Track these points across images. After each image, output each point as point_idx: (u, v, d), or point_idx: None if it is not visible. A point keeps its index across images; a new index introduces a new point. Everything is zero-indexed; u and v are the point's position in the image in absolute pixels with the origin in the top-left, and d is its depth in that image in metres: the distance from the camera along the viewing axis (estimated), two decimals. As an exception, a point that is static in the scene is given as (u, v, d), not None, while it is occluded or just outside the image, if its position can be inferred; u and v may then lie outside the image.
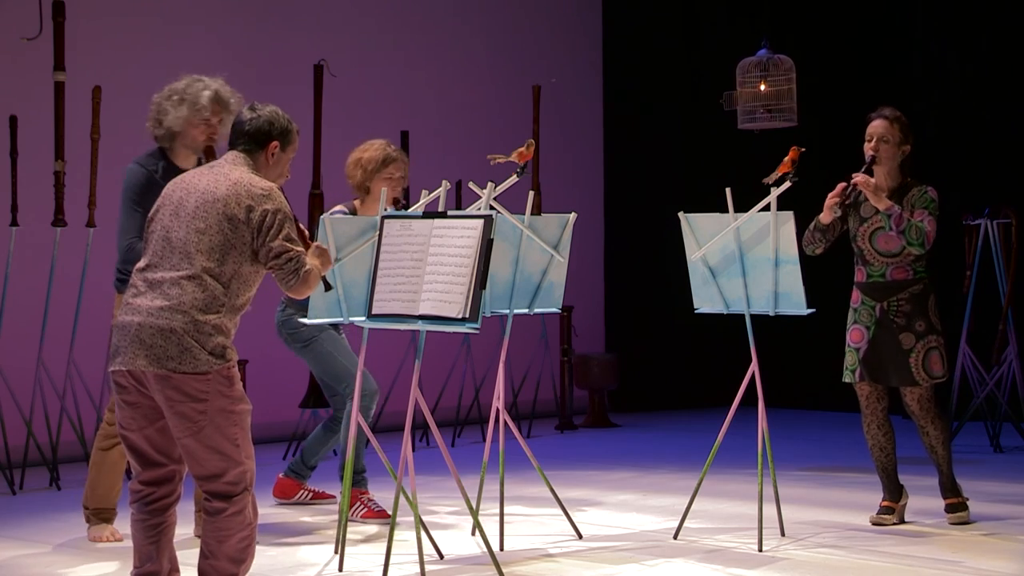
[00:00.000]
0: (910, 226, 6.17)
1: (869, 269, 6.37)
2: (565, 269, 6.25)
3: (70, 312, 8.03)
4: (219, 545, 4.49)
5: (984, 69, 10.20)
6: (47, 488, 7.76)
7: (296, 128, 4.77)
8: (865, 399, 6.42)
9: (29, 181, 8.13)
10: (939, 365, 6.30)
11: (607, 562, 5.80)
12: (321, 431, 7.04)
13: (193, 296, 4.41)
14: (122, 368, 4.45)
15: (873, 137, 6.34)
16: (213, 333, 4.42)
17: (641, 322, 11.40)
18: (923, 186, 6.33)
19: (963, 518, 6.38)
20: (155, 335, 4.39)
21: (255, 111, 4.70)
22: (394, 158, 6.70)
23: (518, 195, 6.50)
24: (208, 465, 4.44)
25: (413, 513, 5.30)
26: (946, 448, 6.36)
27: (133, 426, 4.52)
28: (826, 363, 10.63)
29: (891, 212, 6.19)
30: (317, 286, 4.65)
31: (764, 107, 8.86)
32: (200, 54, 9.29)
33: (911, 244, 6.20)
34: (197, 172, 4.66)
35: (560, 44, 11.35)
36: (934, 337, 6.30)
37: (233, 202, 4.48)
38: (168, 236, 4.51)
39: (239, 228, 4.47)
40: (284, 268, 4.51)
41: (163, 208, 4.60)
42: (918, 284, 6.32)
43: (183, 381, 4.37)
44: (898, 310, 6.31)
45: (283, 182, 4.78)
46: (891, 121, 6.33)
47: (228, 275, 4.47)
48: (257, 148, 4.67)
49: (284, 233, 4.50)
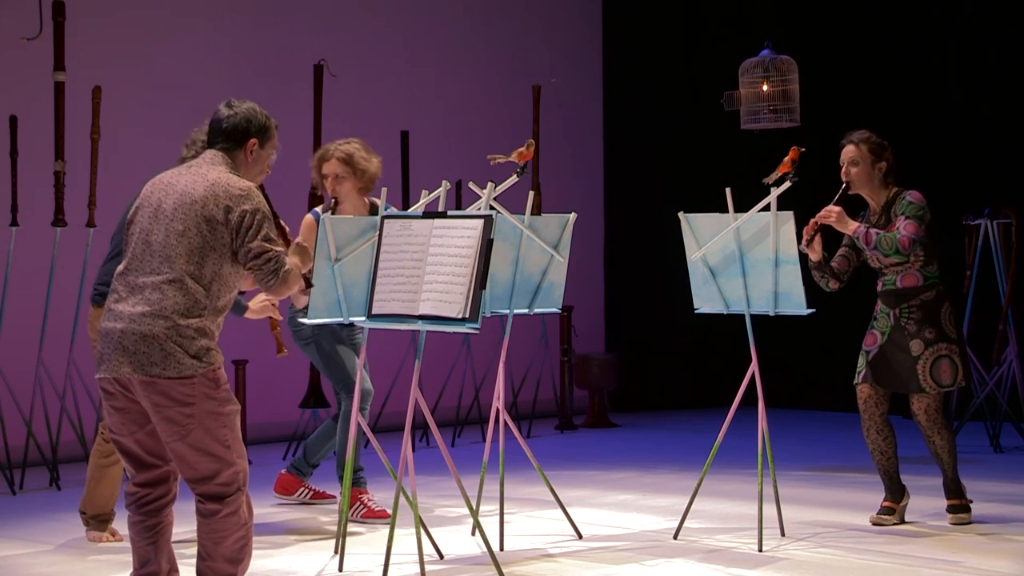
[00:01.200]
0: (879, 239, 6.25)
1: (884, 279, 6.41)
2: (565, 269, 6.24)
3: (70, 312, 8.03)
4: (216, 546, 4.48)
5: (984, 69, 10.20)
6: (47, 488, 7.76)
7: (275, 124, 4.69)
8: (863, 402, 6.42)
9: (29, 181, 8.13)
10: (948, 374, 6.28)
11: (607, 562, 5.80)
12: (331, 422, 6.98)
13: (174, 300, 4.38)
14: (107, 375, 4.44)
15: (844, 163, 6.42)
16: (196, 336, 4.39)
17: (641, 322, 11.40)
18: (903, 192, 6.37)
19: (964, 519, 6.39)
20: (138, 341, 4.36)
21: (232, 108, 4.64)
22: (329, 155, 6.56)
23: (518, 195, 6.50)
24: (199, 468, 4.42)
25: (413, 513, 5.30)
26: (951, 456, 6.38)
27: (123, 431, 4.50)
28: (826, 363, 10.66)
29: (857, 234, 6.30)
30: (296, 285, 4.61)
31: (769, 107, 8.85)
32: (200, 55, 9.30)
33: (887, 255, 6.28)
34: (175, 172, 4.61)
35: (560, 44, 11.35)
36: (945, 345, 6.29)
37: (211, 203, 4.43)
38: (148, 239, 4.47)
39: (217, 229, 4.43)
40: (263, 269, 4.47)
41: (142, 209, 4.56)
42: (930, 291, 6.33)
43: (168, 386, 4.35)
44: (909, 317, 6.33)
45: (263, 179, 4.73)
46: (857, 144, 6.43)
47: (208, 277, 4.43)
48: (235, 146, 4.62)
49: (263, 233, 4.46)
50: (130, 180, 8.39)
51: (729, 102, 9.13)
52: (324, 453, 7.06)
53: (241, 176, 4.58)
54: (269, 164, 4.73)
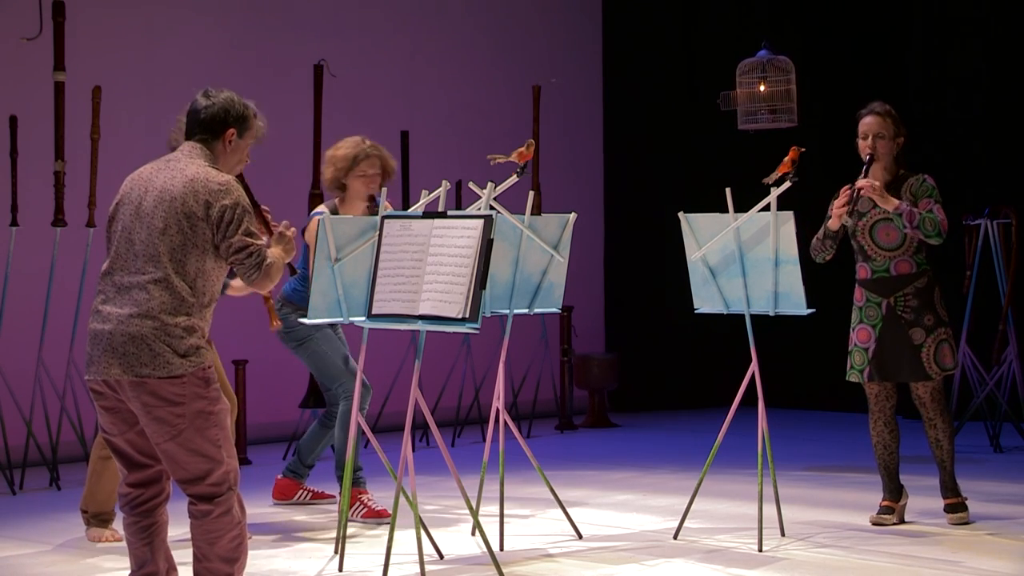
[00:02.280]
0: (923, 219, 6.17)
1: (872, 265, 6.36)
2: (565, 269, 6.24)
3: (70, 312, 8.03)
4: (211, 547, 4.46)
5: (984, 69, 10.19)
6: (47, 488, 7.76)
7: (253, 113, 4.63)
8: (875, 398, 6.42)
9: (29, 181, 8.13)
10: (950, 357, 6.32)
11: (607, 562, 5.80)
12: (317, 427, 7.03)
13: (161, 300, 4.36)
14: (96, 377, 4.42)
15: (868, 135, 6.34)
16: (184, 335, 4.38)
17: (641, 322, 11.39)
18: (920, 175, 6.35)
19: (963, 518, 6.38)
20: (127, 343, 4.34)
21: (209, 98, 4.59)
22: (367, 154, 6.61)
23: (518, 195, 6.50)
24: (190, 468, 4.40)
25: (413, 513, 5.30)
26: (951, 443, 6.37)
27: (114, 431, 4.50)
28: (826, 363, 10.63)
29: (900, 211, 6.20)
30: (280, 277, 4.58)
31: (768, 107, 8.86)
32: (201, 55, 9.30)
33: (928, 236, 6.20)
34: (154, 167, 4.55)
35: (560, 44, 11.35)
36: (943, 329, 6.32)
37: (191, 199, 4.40)
38: (130, 237, 4.45)
39: (198, 226, 4.41)
40: (245, 263, 4.45)
41: (123, 206, 4.52)
42: (922, 277, 6.32)
43: (158, 386, 4.34)
44: (905, 305, 6.31)
45: (242, 168, 4.70)
46: (883, 116, 6.35)
47: (192, 274, 4.41)
48: (213, 137, 4.57)
49: (244, 228, 4.43)
50: (130, 180, 8.48)
51: (726, 102, 9.14)
52: (318, 453, 7.06)
53: (220, 167, 4.54)
54: (248, 154, 4.69)
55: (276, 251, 4.61)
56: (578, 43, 11.50)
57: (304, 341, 6.70)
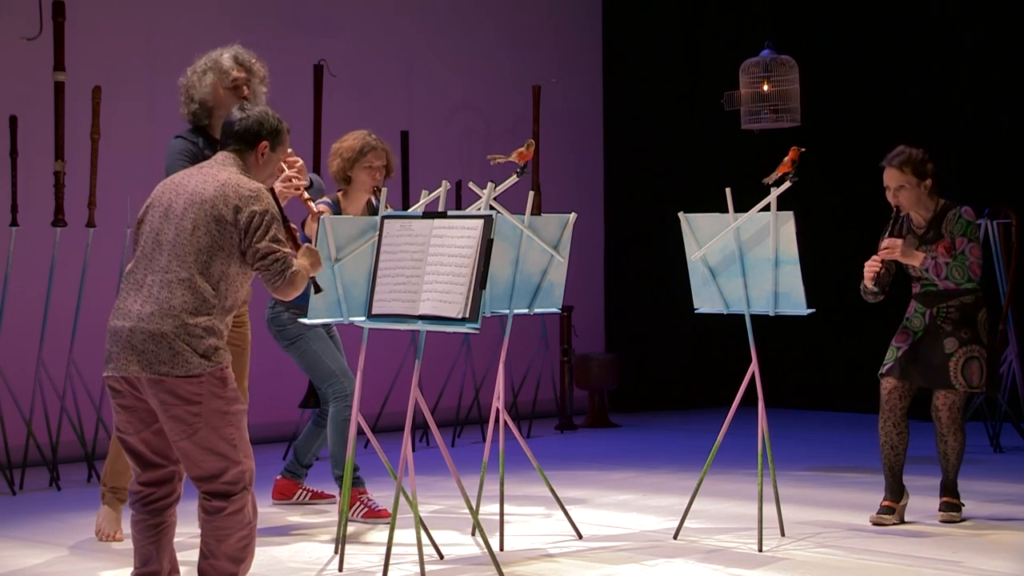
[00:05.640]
0: (950, 270, 6.27)
1: (923, 282, 6.45)
2: (565, 269, 6.24)
3: (70, 312, 8.02)
4: (218, 545, 4.49)
5: (984, 69, 10.20)
6: (47, 488, 7.76)
7: (287, 128, 4.76)
8: (887, 394, 6.42)
9: (29, 181, 8.13)
10: (978, 376, 6.31)
11: (607, 562, 5.80)
12: (311, 427, 7.05)
13: (183, 299, 4.41)
14: (115, 374, 4.46)
15: (891, 188, 6.39)
16: (204, 335, 4.42)
17: (641, 322, 11.39)
18: (957, 208, 6.38)
19: (955, 518, 6.42)
20: (146, 340, 4.39)
21: (244, 111, 4.71)
22: (372, 146, 6.68)
23: (518, 195, 6.50)
24: (205, 466, 4.44)
25: (413, 513, 5.30)
26: (959, 459, 6.43)
27: (130, 429, 4.52)
28: (826, 363, 10.67)
29: (926, 267, 6.29)
30: (304, 287, 4.64)
31: (771, 107, 8.86)
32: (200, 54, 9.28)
33: (959, 284, 6.29)
34: (186, 173, 4.66)
35: (560, 44, 11.35)
36: (977, 348, 6.32)
37: (221, 203, 4.48)
38: (158, 238, 4.51)
39: (226, 229, 4.47)
40: (270, 269, 4.50)
41: (152, 209, 4.60)
42: (969, 295, 6.37)
43: (176, 384, 4.38)
44: (946, 316, 6.36)
45: (274, 182, 4.78)
46: (900, 168, 6.38)
47: (216, 276, 4.47)
48: (247, 148, 4.67)
49: (271, 234, 4.50)
50: (130, 180, 8.48)
51: (729, 102, 9.14)
52: (315, 452, 7.07)
53: (252, 178, 4.63)
54: (280, 168, 4.78)
55: (303, 261, 4.67)
56: (578, 43, 11.50)
57: (295, 340, 6.71)
